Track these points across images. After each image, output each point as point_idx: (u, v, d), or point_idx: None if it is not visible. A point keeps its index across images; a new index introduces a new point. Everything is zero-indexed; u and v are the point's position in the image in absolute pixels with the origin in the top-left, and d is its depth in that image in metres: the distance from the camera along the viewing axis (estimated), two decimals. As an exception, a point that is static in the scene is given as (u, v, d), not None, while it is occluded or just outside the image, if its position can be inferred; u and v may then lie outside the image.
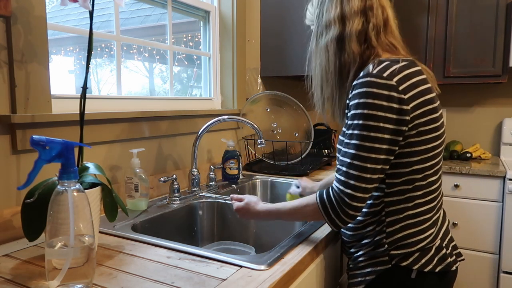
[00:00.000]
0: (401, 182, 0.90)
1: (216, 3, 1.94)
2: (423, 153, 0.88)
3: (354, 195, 0.86)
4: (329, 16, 0.95)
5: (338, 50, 0.94)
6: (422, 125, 0.87)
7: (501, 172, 2.14)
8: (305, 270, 0.93)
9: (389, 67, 0.87)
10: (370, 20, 0.92)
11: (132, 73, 1.84)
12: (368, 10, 0.92)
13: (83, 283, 0.72)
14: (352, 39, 0.92)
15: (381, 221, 0.92)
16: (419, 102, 0.86)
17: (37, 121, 1.05)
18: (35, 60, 1.05)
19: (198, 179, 1.48)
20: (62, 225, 0.71)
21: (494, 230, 2.21)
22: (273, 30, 2.17)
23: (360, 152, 0.85)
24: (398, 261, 0.90)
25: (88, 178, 0.90)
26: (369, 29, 0.92)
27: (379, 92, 0.83)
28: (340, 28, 0.93)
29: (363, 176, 0.85)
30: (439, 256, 0.91)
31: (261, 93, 2.16)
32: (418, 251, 0.90)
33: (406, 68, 0.88)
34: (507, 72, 2.34)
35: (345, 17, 0.93)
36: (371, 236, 0.94)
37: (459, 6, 2.37)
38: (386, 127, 0.84)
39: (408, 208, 0.90)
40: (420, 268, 0.89)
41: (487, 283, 2.25)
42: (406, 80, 0.86)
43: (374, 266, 0.93)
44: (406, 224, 0.90)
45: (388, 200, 0.91)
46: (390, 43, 0.95)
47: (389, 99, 0.83)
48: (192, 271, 0.82)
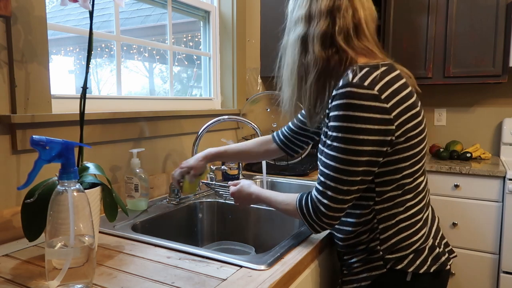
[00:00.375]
0: (391, 189, 0.88)
1: (216, 3, 1.94)
2: (412, 158, 0.87)
3: (331, 206, 0.85)
4: (298, 13, 0.91)
5: (301, 50, 0.91)
6: (409, 131, 0.84)
7: (501, 172, 2.14)
8: (305, 270, 0.93)
9: (370, 74, 0.83)
10: (336, 22, 0.87)
11: (132, 73, 1.84)
12: (335, 11, 0.87)
13: (83, 283, 0.72)
14: (315, 41, 0.88)
15: (374, 228, 0.90)
16: (402, 108, 0.83)
17: (37, 121, 1.05)
18: (35, 60, 1.05)
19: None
20: (62, 225, 0.71)
21: (494, 230, 2.21)
22: (273, 30, 2.16)
23: (338, 164, 0.83)
24: (393, 264, 0.89)
25: (88, 178, 0.90)
26: (336, 31, 0.87)
27: (360, 104, 0.80)
28: (305, 27, 0.90)
29: (340, 188, 0.84)
30: (433, 256, 0.90)
31: (261, 93, 2.16)
32: (412, 253, 0.89)
33: (386, 74, 0.84)
34: (507, 72, 2.34)
35: (311, 17, 0.89)
36: (365, 243, 0.92)
37: (459, 6, 2.37)
38: (367, 139, 0.81)
39: (399, 213, 0.89)
40: (415, 270, 0.88)
41: (487, 283, 2.25)
42: (387, 87, 0.83)
43: (369, 272, 0.92)
44: (399, 228, 0.89)
45: (379, 208, 0.89)
46: (365, 47, 0.89)
47: (370, 110, 0.80)
48: (192, 271, 0.82)
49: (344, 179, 0.83)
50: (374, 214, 0.90)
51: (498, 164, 2.34)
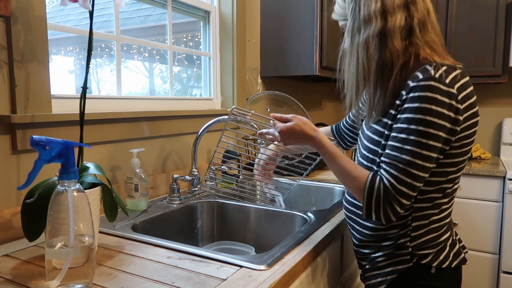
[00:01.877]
0: (433, 190, 0.89)
1: (216, 3, 1.94)
2: (459, 164, 0.89)
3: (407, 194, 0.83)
4: (368, 11, 0.87)
5: (379, 47, 0.87)
6: (466, 138, 0.86)
7: (501, 172, 2.14)
8: (305, 270, 0.93)
9: (449, 73, 0.83)
10: (413, 14, 0.86)
11: (132, 73, 1.84)
12: (410, 4, 0.87)
13: (83, 283, 0.72)
14: (395, 35, 0.86)
15: (407, 225, 0.92)
16: (469, 114, 0.85)
17: (37, 121, 1.05)
18: (35, 60, 1.05)
19: (198, 179, 1.48)
20: (62, 225, 0.71)
21: (494, 230, 2.21)
22: (273, 30, 2.17)
23: (416, 160, 0.82)
24: (418, 259, 0.91)
25: (88, 178, 0.90)
26: (414, 24, 0.87)
27: (442, 100, 0.80)
28: (382, 23, 0.86)
29: (414, 185, 0.83)
30: (454, 252, 0.94)
31: (261, 93, 2.16)
32: (436, 248, 0.92)
33: (462, 77, 0.85)
34: (507, 72, 2.34)
35: (387, 12, 0.86)
36: (393, 238, 0.93)
37: (459, 6, 2.37)
38: (442, 136, 0.82)
39: (434, 214, 0.91)
40: (439, 265, 0.91)
41: (487, 283, 2.25)
42: (463, 90, 0.84)
43: (395, 265, 0.94)
44: (430, 229, 0.91)
45: (417, 206, 0.90)
46: (432, 40, 0.90)
47: (449, 108, 0.81)
48: (192, 271, 0.82)
49: (420, 175, 0.82)
50: (411, 211, 0.91)
51: (498, 164, 2.34)
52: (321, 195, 1.70)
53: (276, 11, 2.15)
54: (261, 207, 1.34)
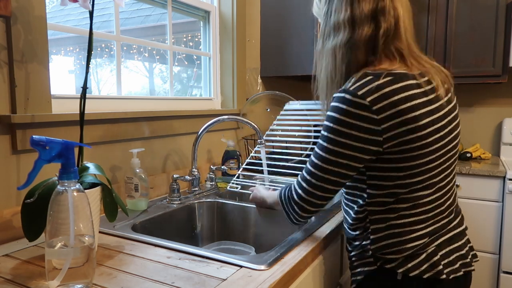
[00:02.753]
0: (382, 194, 0.88)
1: (216, 3, 1.94)
2: (408, 169, 0.84)
3: (303, 197, 0.93)
4: (338, 18, 0.88)
5: (345, 56, 0.88)
6: (403, 144, 0.82)
7: (501, 172, 2.14)
8: (305, 270, 0.93)
9: (369, 83, 0.82)
10: (381, 25, 0.86)
11: (132, 73, 1.84)
12: (379, 13, 0.86)
13: (83, 283, 0.72)
14: (360, 47, 0.87)
15: (366, 227, 0.91)
16: (397, 122, 0.81)
17: (37, 121, 1.05)
18: (35, 60, 1.05)
19: (198, 179, 1.49)
20: (62, 225, 0.71)
21: (494, 230, 2.21)
22: (273, 30, 2.16)
23: (316, 160, 0.89)
24: (383, 263, 0.89)
25: (88, 178, 0.90)
26: (379, 35, 0.86)
27: (350, 110, 0.82)
28: (349, 33, 0.87)
29: (313, 183, 0.90)
30: (430, 263, 0.86)
31: (261, 93, 2.16)
32: (405, 257, 0.87)
33: (388, 84, 0.82)
34: (507, 72, 2.34)
35: (355, 22, 0.86)
36: (359, 239, 0.94)
37: (459, 6, 2.37)
38: (349, 143, 0.83)
39: (391, 219, 0.88)
40: (405, 272, 0.86)
41: (487, 283, 2.25)
42: (383, 99, 0.81)
43: (362, 267, 0.93)
44: (390, 233, 0.88)
45: (371, 209, 0.90)
46: (396, 49, 0.88)
47: (358, 118, 0.81)
48: (192, 271, 0.82)
49: (318, 175, 0.89)
50: (367, 214, 0.91)
51: (498, 164, 2.34)
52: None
53: (276, 11, 2.15)
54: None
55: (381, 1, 0.86)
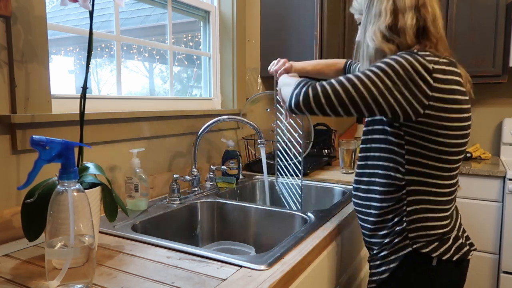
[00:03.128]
0: (421, 173, 0.93)
1: (216, 3, 1.94)
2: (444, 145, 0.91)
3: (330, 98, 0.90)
4: (380, 7, 0.96)
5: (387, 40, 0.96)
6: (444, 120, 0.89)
7: (501, 172, 2.14)
8: (305, 270, 0.93)
9: (432, 56, 0.90)
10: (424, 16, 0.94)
11: (132, 73, 1.84)
12: (421, 7, 0.94)
13: (83, 283, 0.72)
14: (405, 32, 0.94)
15: (402, 210, 0.96)
16: (445, 97, 0.88)
17: (37, 121, 1.05)
18: (35, 60, 1.05)
19: (198, 179, 1.49)
20: (62, 225, 0.71)
21: (494, 230, 2.21)
22: (273, 30, 2.16)
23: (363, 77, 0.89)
24: (418, 247, 0.94)
25: (88, 178, 0.90)
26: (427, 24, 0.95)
27: (415, 63, 0.87)
28: (392, 19, 0.95)
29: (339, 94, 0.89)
30: (457, 245, 0.96)
31: (261, 93, 2.16)
32: (437, 240, 0.95)
33: (445, 65, 0.91)
34: (507, 72, 2.34)
35: (398, 10, 0.94)
36: (391, 226, 0.98)
37: (459, 6, 2.37)
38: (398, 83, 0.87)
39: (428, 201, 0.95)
40: (439, 256, 0.94)
41: (487, 283, 2.25)
42: (441, 72, 0.89)
43: (396, 253, 0.97)
44: (425, 208, 0.94)
45: (409, 189, 0.95)
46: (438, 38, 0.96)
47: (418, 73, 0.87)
48: (192, 271, 0.82)
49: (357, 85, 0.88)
50: (404, 184, 0.95)
51: (498, 164, 2.34)
52: (321, 195, 1.70)
53: (276, 11, 2.15)
54: (261, 207, 1.35)
55: None
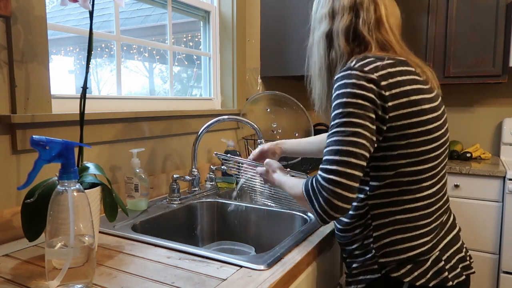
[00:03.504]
0: (385, 185, 0.85)
1: (216, 3, 1.94)
2: (411, 157, 0.83)
3: (337, 181, 0.78)
4: (321, 12, 0.95)
5: (327, 46, 0.94)
6: (406, 128, 0.82)
7: (501, 172, 2.14)
8: (305, 270, 0.93)
9: (372, 63, 0.83)
10: (359, 15, 0.90)
11: (132, 73, 1.84)
12: (358, 6, 0.91)
13: (83, 283, 0.72)
14: (339, 35, 0.91)
15: (368, 224, 0.88)
16: (401, 102, 0.81)
17: (37, 121, 1.05)
18: (35, 60, 1.05)
19: (198, 179, 1.49)
20: (62, 225, 0.71)
21: (494, 230, 2.21)
22: (273, 30, 2.16)
23: (340, 137, 0.80)
24: (389, 271, 0.85)
25: (88, 178, 0.90)
26: (359, 24, 0.90)
27: (359, 83, 0.80)
28: (330, 23, 0.93)
29: (345, 160, 0.78)
30: (435, 270, 0.85)
31: (261, 93, 2.16)
32: (411, 263, 0.84)
33: (391, 66, 0.84)
34: (507, 72, 2.34)
35: (335, 13, 0.92)
36: (359, 240, 0.90)
37: (459, 6, 2.37)
38: (365, 114, 0.80)
39: (395, 213, 0.85)
40: (412, 282, 0.83)
41: (487, 283, 2.25)
42: (389, 77, 0.82)
43: (364, 274, 0.90)
44: (394, 229, 0.85)
45: (372, 203, 0.87)
46: (385, 40, 0.91)
47: (368, 90, 0.80)
48: (192, 271, 0.82)
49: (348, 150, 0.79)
50: (367, 209, 0.87)
51: (498, 164, 2.35)
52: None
53: (276, 11, 2.15)
54: (261, 207, 1.34)
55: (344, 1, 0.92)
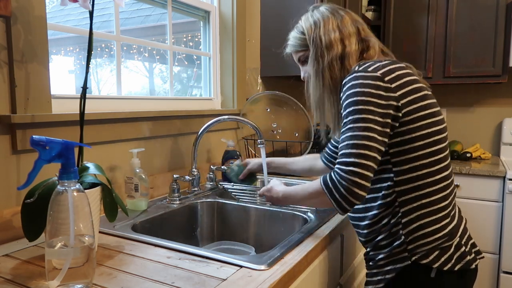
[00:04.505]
0: (408, 169, 0.92)
1: (216, 3, 1.94)
2: (425, 138, 0.91)
3: (356, 171, 0.85)
4: (329, 38, 1.03)
5: (341, 67, 1.03)
6: (416, 111, 0.91)
7: (501, 172, 2.14)
8: (305, 270, 0.93)
9: (372, 65, 0.95)
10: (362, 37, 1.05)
11: (132, 73, 1.84)
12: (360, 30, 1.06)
13: (83, 283, 0.72)
14: (352, 57, 1.03)
15: (396, 212, 0.93)
16: (407, 90, 0.92)
17: (37, 121, 1.05)
18: (35, 60, 1.05)
19: (198, 179, 1.48)
20: (62, 225, 0.71)
21: (494, 230, 2.21)
22: (273, 30, 2.16)
23: (355, 132, 0.88)
24: (418, 258, 0.91)
25: (88, 178, 0.90)
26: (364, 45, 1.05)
27: (366, 82, 0.91)
28: (342, 47, 1.03)
29: (360, 153, 0.86)
30: (458, 254, 0.92)
31: (261, 93, 2.16)
32: (437, 249, 0.91)
33: (389, 64, 0.95)
34: (507, 72, 2.34)
35: (344, 39, 1.03)
36: (387, 229, 0.94)
37: (459, 6, 2.37)
38: (375, 110, 0.89)
39: (421, 196, 0.92)
40: (440, 267, 0.90)
41: (487, 283, 2.25)
42: (390, 73, 0.93)
43: (394, 264, 0.94)
44: (421, 213, 0.91)
45: (399, 190, 0.92)
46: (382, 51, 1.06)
47: (376, 87, 0.90)
48: (192, 271, 0.82)
49: (363, 144, 0.87)
50: (395, 196, 0.93)
51: (498, 164, 2.35)
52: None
53: (276, 11, 2.15)
54: (261, 207, 1.34)
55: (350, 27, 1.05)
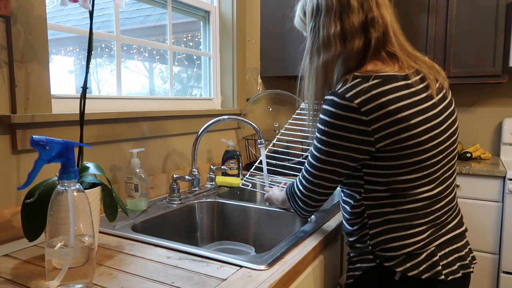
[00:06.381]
0: (379, 190, 0.88)
1: (216, 3, 1.94)
2: (402, 167, 0.84)
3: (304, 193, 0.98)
4: (328, 33, 0.88)
5: (337, 69, 0.90)
6: (396, 143, 0.82)
7: (501, 172, 2.14)
8: (305, 270, 0.93)
9: (357, 86, 0.83)
10: (371, 36, 0.87)
11: (132, 73, 1.84)
12: (369, 25, 0.87)
13: (83, 283, 0.72)
14: (351, 58, 0.88)
15: (364, 223, 0.92)
16: (386, 122, 0.81)
17: (37, 121, 1.05)
18: (35, 60, 1.05)
19: (198, 179, 1.48)
20: (62, 225, 0.71)
21: (494, 230, 2.21)
22: (273, 30, 2.17)
23: (312, 160, 0.92)
24: (382, 260, 0.89)
25: (88, 178, 0.90)
26: (371, 46, 0.87)
27: (338, 113, 0.83)
28: (341, 47, 0.88)
29: (311, 180, 0.94)
30: (429, 263, 0.86)
31: (262, 93, 2.16)
32: (405, 255, 0.86)
33: (375, 87, 0.82)
34: (507, 72, 2.34)
35: (346, 36, 0.87)
36: (357, 234, 0.95)
37: (459, 6, 2.37)
38: (341, 144, 0.85)
39: (388, 213, 0.88)
40: (404, 272, 0.86)
41: (487, 283, 2.25)
42: (370, 102, 0.81)
43: (361, 263, 0.94)
44: (388, 228, 0.88)
45: (367, 204, 0.90)
46: (387, 52, 0.89)
47: (347, 120, 0.83)
48: (192, 271, 0.82)
49: (314, 173, 0.93)
50: (364, 208, 0.92)
51: (498, 164, 2.34)
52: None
53: (276, 11, 2.15)
54: (261, 207, 1.35)
55: (370, 12, 0.87)
